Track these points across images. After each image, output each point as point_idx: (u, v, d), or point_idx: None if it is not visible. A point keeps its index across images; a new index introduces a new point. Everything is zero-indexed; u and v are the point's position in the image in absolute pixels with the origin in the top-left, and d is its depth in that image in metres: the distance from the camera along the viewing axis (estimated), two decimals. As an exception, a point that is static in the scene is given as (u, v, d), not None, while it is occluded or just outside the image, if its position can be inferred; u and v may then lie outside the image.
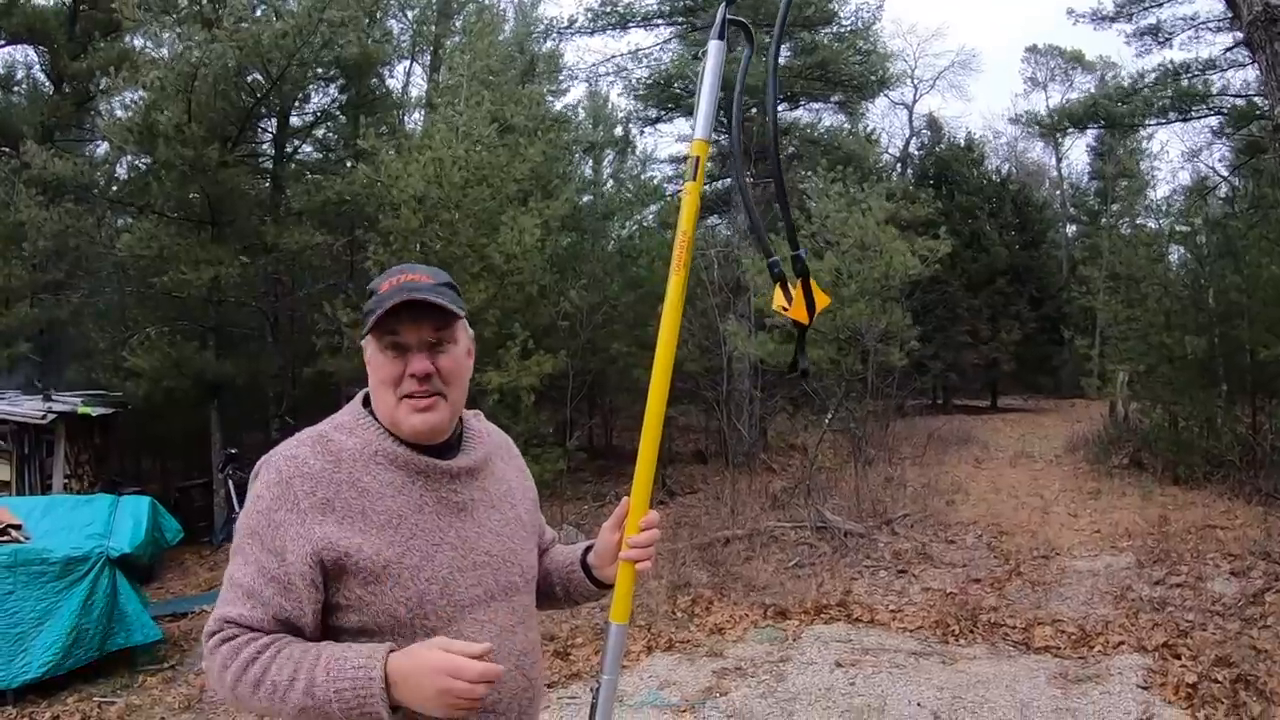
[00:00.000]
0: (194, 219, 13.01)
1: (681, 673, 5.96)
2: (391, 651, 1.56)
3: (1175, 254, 16.79)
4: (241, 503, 6.86)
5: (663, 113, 25.80)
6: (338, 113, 16.11)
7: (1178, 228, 15.41)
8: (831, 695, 5.46)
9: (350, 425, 1.74)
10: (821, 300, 1.81)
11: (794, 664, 6.02)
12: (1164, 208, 17.79)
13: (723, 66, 1.77)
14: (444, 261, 11.10)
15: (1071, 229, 39.33)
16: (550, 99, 20.97)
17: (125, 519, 7.43)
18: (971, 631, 6.56)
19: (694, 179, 1.72)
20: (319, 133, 16.91)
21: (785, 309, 1.80)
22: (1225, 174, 20.44)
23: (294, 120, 15.65)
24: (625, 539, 1.81)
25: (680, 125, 27.28)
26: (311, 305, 12.94)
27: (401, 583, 1.63)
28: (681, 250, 1.72)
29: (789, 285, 1.80)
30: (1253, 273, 11.42)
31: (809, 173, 15.35)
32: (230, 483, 12.11)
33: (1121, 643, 6.05)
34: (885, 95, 30.69)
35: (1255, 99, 17.07)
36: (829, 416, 13.15)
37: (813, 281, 1.78)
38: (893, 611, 7.22)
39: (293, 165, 15.63)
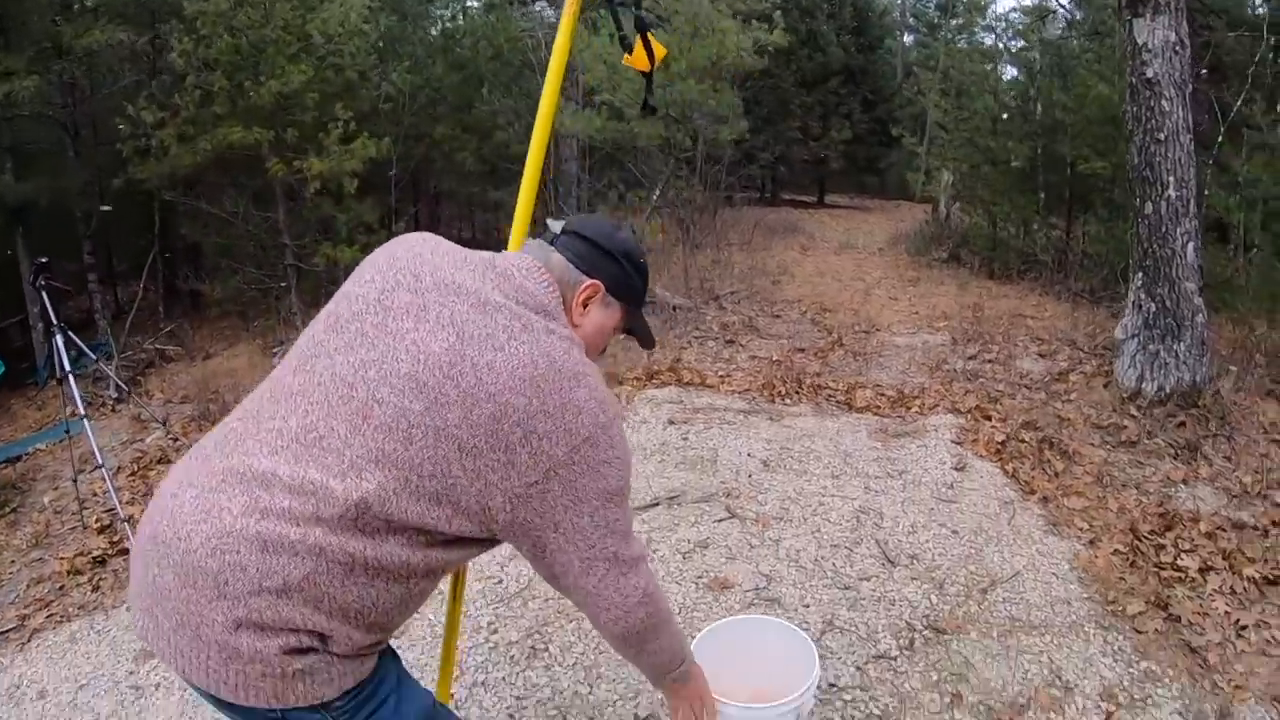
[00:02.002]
0: (-25, 24, 11.26)
1: (519, 443, 5.90)
2: None
3: (1008, 73, 17.08)
4: (58, 315, 6.42)
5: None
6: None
7: (1013, 45, 15.59)
8: (666, 449, 5.55)
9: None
10: (659, 50, 2.24)
11: (629, 424, 6.06)
12: (1003, 24, 17.88)
13: None
14: (256, 45, 10.30)
15: (909, 39, 39.60)
16: None
17: (-57, 359, 6.61)
18: (797, 393, 6.75)
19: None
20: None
21: (628, 59, 2.25)
22: (1065, 3, 20.68)
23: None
24: None
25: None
26: (113, 109, 11.64)
27: None
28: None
29: (632, 44, 2.24)
30: (1081, 92, 11.70)
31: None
32: (44, 295, 11.06)
33: (936, 405, 6.35)
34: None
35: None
36: (655, 194, 13.03)
37: (650, 35, 2.22)
38: (721, 376, 7.34)
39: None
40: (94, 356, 7.53)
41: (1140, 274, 6.54)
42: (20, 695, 3.48)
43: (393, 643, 3.60)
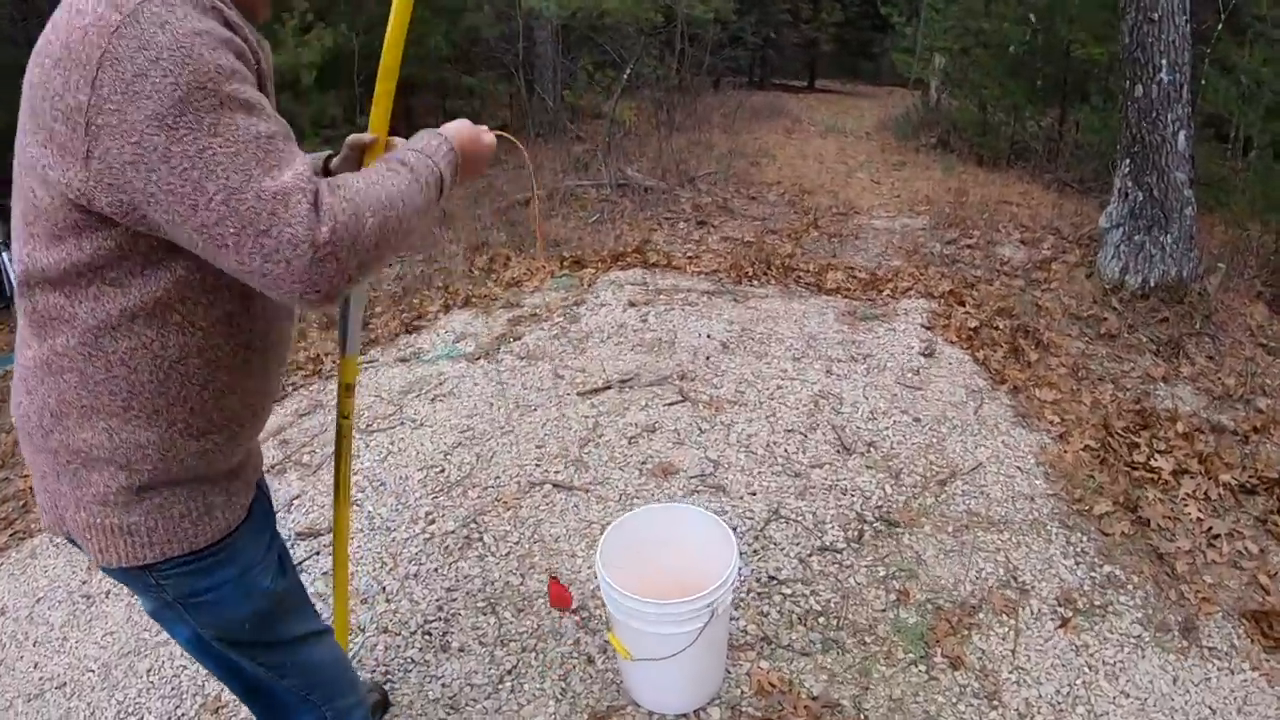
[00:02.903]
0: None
1: (478, 325, 5.67)
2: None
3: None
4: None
5: None
6: None
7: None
8: (624, 332, 5.30)
9: None
10: None
11: (588, 306, 5.81)
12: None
13: None
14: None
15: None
16: None
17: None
18: (765, 274, 6.46)
19: None
20: None
21: None
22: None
23: None
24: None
25: None
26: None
27: None
28: None
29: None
30: (1080, -28, 11.15)
31: None
32: None
33: (910, 289, 6.07)
34: None
35: None
36: (627, 71, 12.48)
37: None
38: (689, 257, 7.04)
39: None
40: None
41: (1128, 161, 6.21)
42: (-18, 615, 3.37)
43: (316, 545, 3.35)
